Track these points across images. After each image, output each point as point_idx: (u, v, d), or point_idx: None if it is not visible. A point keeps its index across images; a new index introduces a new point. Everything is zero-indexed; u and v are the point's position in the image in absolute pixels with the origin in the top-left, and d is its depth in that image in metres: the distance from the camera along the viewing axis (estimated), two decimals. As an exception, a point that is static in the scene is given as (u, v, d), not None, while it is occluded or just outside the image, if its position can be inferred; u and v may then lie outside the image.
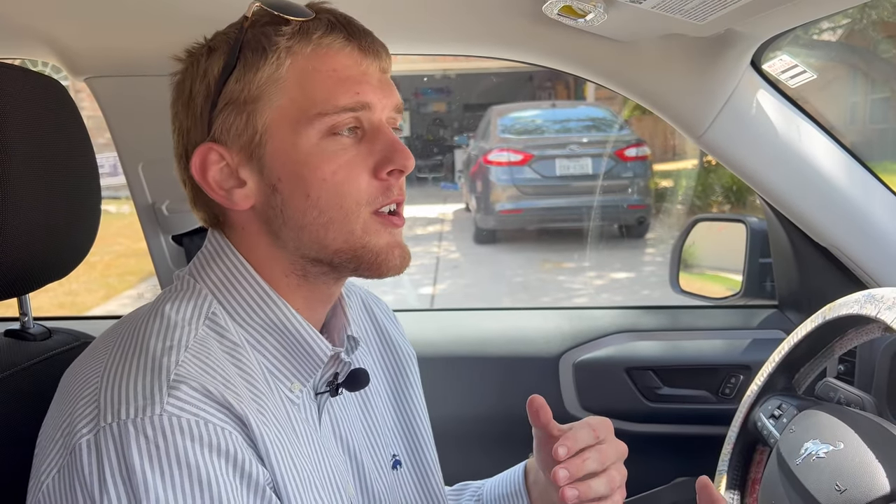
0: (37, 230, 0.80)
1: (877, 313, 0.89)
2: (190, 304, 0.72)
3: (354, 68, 0.72)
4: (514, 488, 0.96)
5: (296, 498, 0.67)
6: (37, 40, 1.19)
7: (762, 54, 1.20)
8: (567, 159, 7.42)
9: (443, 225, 8.89)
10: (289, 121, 0.70)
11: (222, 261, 0.74)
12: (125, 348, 0.68)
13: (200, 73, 0.72)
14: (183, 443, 0.61)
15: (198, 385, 0.64)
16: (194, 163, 0.72)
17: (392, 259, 0.73)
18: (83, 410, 0.63)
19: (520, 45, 1.23)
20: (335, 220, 0.71)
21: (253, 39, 0.71)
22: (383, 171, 0.72)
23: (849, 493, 0.81)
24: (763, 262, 1.56)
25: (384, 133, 0.73)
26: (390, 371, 0.92)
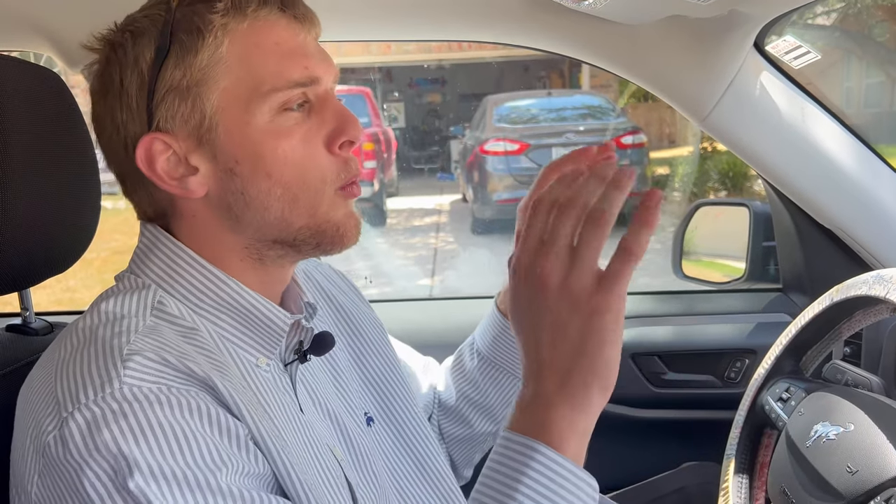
0: (37, 223, 0.79)
1: (885, 294, 0.88)
2: (133, 297, 0.70)
3: (294, 39, 0.70)
4: (498, 326, 0.98)
5: (279, 455, 0.65)
6: (32, 31, 1.17)
7: (765, 36, 1.19)
8: (563, 148, 7.40)
9: (440, 216, 8.88)
10: (239, 101, 0.68)
11: (160, 250, 0.72)
12: (72, 346, 0.66)
13: (130, 61, 0.69)
14: (150, 408, 0.59)
15: (153, 355, 0.63)
16: (139, 155, 0.69)
17: (350, 230, 0.74)
18: (44, 410, 0.62)
19: (521, 30, 1.22)
20: (299, 198, 0.70)
21: (184, 20, 0.68)
22: (335, 143, 0.71)
23: (860, 474, 0.81)
24: (766, 246, 1.55)
25: (331, 103, 0.72)
26: (345, 334, 0.92)
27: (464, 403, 1.03)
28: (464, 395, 1.03)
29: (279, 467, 0.65)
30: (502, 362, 1.00)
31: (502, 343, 0.98)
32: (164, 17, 0.68)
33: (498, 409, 1.02)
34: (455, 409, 1.03)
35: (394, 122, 12.15)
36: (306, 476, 0.68)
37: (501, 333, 0.98)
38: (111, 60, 0.70)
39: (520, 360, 0.86)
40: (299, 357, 0.78)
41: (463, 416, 1.03)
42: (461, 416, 1.03)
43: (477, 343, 1.03)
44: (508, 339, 0.98)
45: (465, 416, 1.03)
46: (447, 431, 1.04)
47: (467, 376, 1.03)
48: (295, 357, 0.77)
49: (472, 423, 1.03)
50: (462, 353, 1.05)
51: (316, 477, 0.70)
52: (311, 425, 0.75)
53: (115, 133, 0.71)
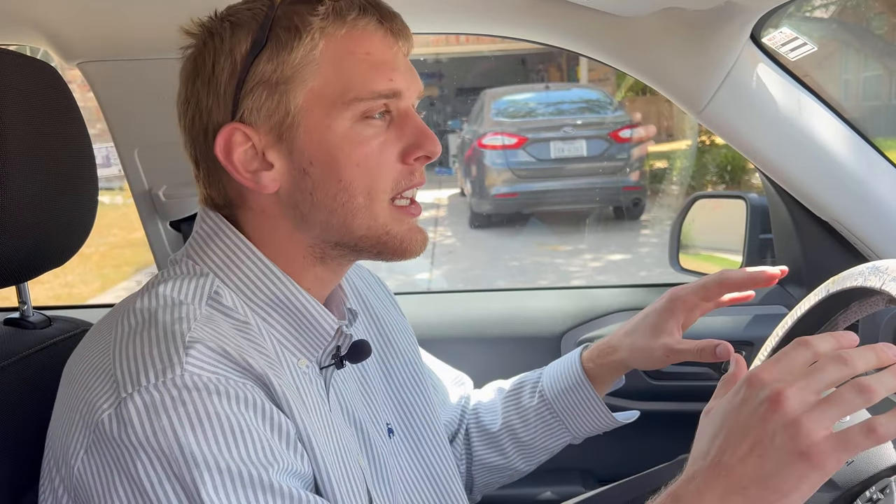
0: (35, 217, 0.79)
1: (881, 285, 0.89)
2: (190, 284, 0.71)
3: (386, 52, 0.72)
4: (574, 381, 1.00)
5: (320, 454, 0.67)
6: (27, 25, 1.17)
7: (762, 28, 1.19)
8: (561, 142, 7.41)
9: (438, 210, 8.87)
10: (323, 103, 0.70)
11: (221, 240, 0.74)
12: (131, 325, 0.67)
13: (225, 49, 0.70)
14: (209, 398, 0.61)
15: (214, 345, 0.64)
16: (219, 143, 0.70)
17: (414, 244, 0.76)
18: (99, 388, 0.63)
19: (519, 22, 1.22)
20: (362, 206, 0.72)
21: (284, 17, 0.70)
22: (412, 156, 0.73)
23: (856, 464, 0.81)
24: (763, 238, 1.55)
25: (413, 119, 0.74)
26: (376, 341, 0.93)
27: (506, 434, 1.04)
28: (509, 426, 1.03)
29: (318, 467, 0.67)
30: (562, 414, 1.01)
31: (572, 398, 1.00)
32: (265, 12, 0.70)
33: (538, 452, 1.04)
34: (495, 437, 1.04)
35: (391, 116, 12.10)
36: (337, 478, 0.69)
37: (575, 389, 1.00)
38: (207, 46, 0.72)
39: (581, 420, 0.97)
40: (336, 362, 0.78)
41: (501, 445, 1.04)
42: (499, 445, 1.04)
43: (543, 385, 1.03)
44: (579, 397, 0.99)
45: (503, 447, 1.04)
46: (479, 455, 1.05)
47: (520, 411, 1.03)
48: (332, 362, 0.78)
49: (507, 455, 1.04)
50: (522, 387, 1.05)
51: (343, 480, 0.71)
52: (339, 432, 0.75)
53: (198, 117, 0.73)
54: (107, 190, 7.22)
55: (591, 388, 1.00)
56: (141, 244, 1.45)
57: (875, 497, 0.77)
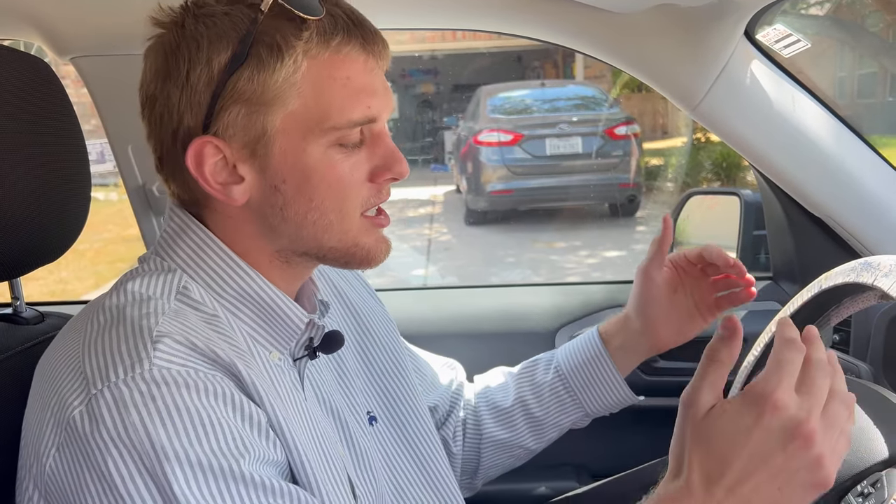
0: (27, 212, 0.79)
1: (873, 281, 0.89)
2: (159, 280, 0.71)
3: (366, 76, 0.72)
4: (593, 353, 1.01)
5: (294, 442, 0.67)
6: (19, 19, 1.17)
7: (756, 24, 1.19)
8: (557, 139, 7.41)
9: (434, 207, 8.87)
10: (300, 126, 0.69)
11: (189, 237, 0.74)
12: (100, 323, 0.67)
13: (202, 58, 0.68)
14: (178, 391, 0.61)
15: (182, 338, 0.64)
16: (190, 154, 0.69)
17: (380, 253, 0.77)
18: (70, 385, 0.63)
19: (514, 18, 1.22)
20: (334, 223, 0.72)
21: (267, 34, 0.68)
22: (381, 177, 0.74)
23: (847, 458, 0.82)
24: (757, 235, 1.56)
25: (384, 140, 0.74)
26: (354, 330, 0.93)
27: (518, 409, 1.04)
28: (522, 401, 1.04)
29: (293, 455, 0.67)
30: (577, 388, 1.02)
31: (588, 371, 1.01)
32: (247, 25, 0.68)
33: (549, 428, 1.04)
34: (507, 411, 1.05)
35: (387, 112, 12.08)
36: (316, 465, 0.69)
37: (593, 362, 1.01)
38: (181, 49, 0.69)
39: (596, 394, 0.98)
40: (309, 354, 0.79)
41: (512, 419, 1.04)
42: (510, 420, 1.04)
43: (559, 360, 1.04)
44: (596, 370, 1.01)
45: (514, 422, 1.04)
46: (489, 431, 1.05)
47: (535, 386, 1.04)
48: (305, 353, 0.78)
49: (517, 430, 1.04)
50: (535, 365, 1.06)
51: (323, 468, 0.71)
52: (315, 422, 0.75)
53: (167, 115, 0.71)
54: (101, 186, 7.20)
55: (609, 362, 1.01)
56: (136, 240, 1.44)
57: (866, 491, 0.78)
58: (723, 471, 0.61)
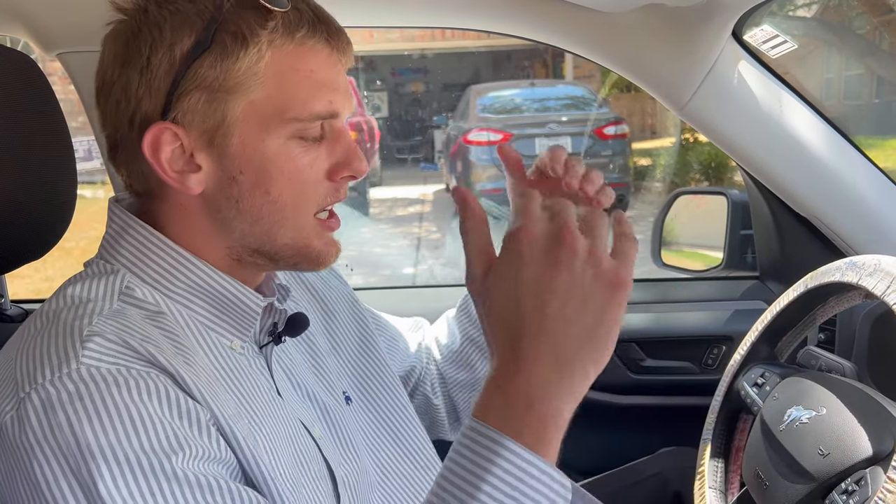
0: (11, 209, 0.78)
1: (858, 280, 0.90)
2: (101, 282, 0.70)
3: (329, 71, 0.71)
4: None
5: (244, 441, 0.65)
6: (6, 15, 1.16)
7: (743, 25, 1.20)
8: (546, 138, 7.42)
9: (423, 205, 8.87)
10: (260, 116, 0.68)
11: (131, 235, 0.72)
12: (36, 328, 0.66)
13: (165, 43, 0.67)
14: (107, 388, 0.59)
15: (114, 337, 0.62)
16: (147, 140, 0.68)
17: (329, 256, 0.76)
18: (3, 392, 0.62)
19: (503, 17, 1.22)
20: (289, 219, 0.71)
21: (231, 22, 0.67)
22: (339, 174, 0.73)
23: (832, 456, 0.82)
24: (744, 234, 1.57)
25: (344, 137, 0.73)
26: (319, 315, 0.93)
27: (469, 346, 1.04)
28: (469, 337, 1.04)
29: (244, 453, 0.65)
30: None
31: None
32: (211, 12, 0.67)
33: None
34: (460, 353, 1.04)
35: (377, 111, 12.08)
36: (281, 460, 0.68)
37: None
38: (142, 34, 0.68)
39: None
40: (273, 339, 0.78)
41: (468, 359, 1.04)
42: (466, 360, 1.04)
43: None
44: None
45: (470, 359, 1.04)
46: (451, 377, 1.06)
47: (473, 319, 1.03)
48: (270, 339, 0.78)
49: (475, 366, 1.04)
50: (467, 299, 1.05)
51: (291, 458, 0.70)
52: (286, 407, 0.75)
53: (123, 101, 0.70)
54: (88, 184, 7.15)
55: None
56: (122, 239, 1.42)
57: (850, 489, 0.79)
58: (520, 323, 0.57)
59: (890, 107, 8.79)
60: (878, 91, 8.66)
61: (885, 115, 8.61)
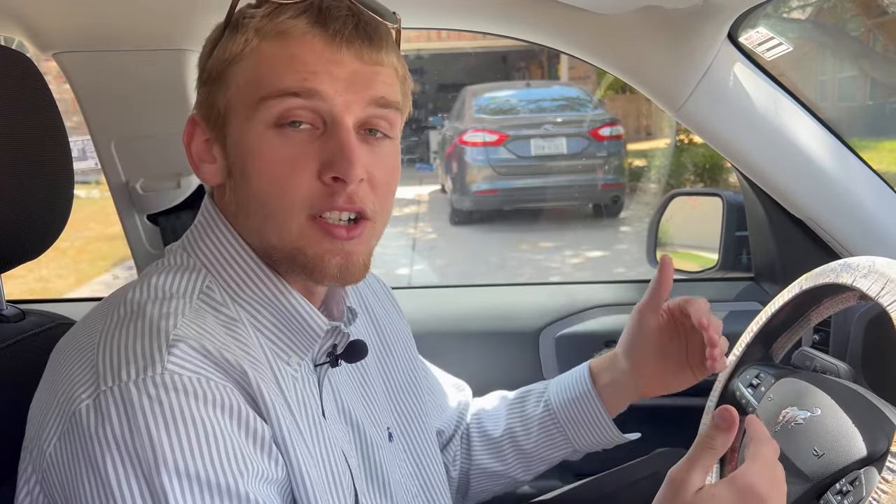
0: (8, 209, 0.78)
1: (852, 281, 0.90)
2: (183, 277, 0.71)
3: (314, 55, 0.67)
4: (582, 390, 0.99)
5: (296, 458, 0.67)
6: (2, 15, 1.15)
7: (739, 27, 1.20)
8: (542, 139, 7.43)
9: (419, 206, 8.86)
10: (244, 103, 0.69)
11: (214, 234, 0.73)
12: (119, 317, 0.67)
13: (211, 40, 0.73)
14: (187, 400, 0.60)
15: (196, 344, 0.64)
16: (186, 131, 0.73)
17: (328, 267, 0.69)
18: (81, 377, 0.63)
19: (500, 19, 1.23)
20: (271, 216, 0.69)
21: (240, 13, 0.71)
22: (324, 174, 0.68)
23: (826, 457, 0.83)
24: (739, 236, 1.57)
25: (339, 135, 0.67)
26: (377, 345, 0.93)
27: (507, 440, 1.03)
28: (511, 432, 1.03)
29: (294, 470, 0.67)
30: (566, 424, 1.01)
31: (577, 409, 1.00)
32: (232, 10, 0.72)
33: (538, 462, 1.03)
34: (496, 442, 1.04)
35: (372, 112, 12.05)
36: (317, 480, 0.69)
37: (582, 400, 0.99)
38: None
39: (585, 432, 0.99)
40: (331, 361, 0.78)
41: (502, 451, 1.04)
42: (500, 451, 1.04)
43: (550, 395, 1.03)
44: (585, 407, 0.99)
45: (503, 453, 1.03)
46: (478, 459, 1.05)
47: (524, 419, 1.03)
48: (326, 360, 0.78)
49: (506, 462, 1.03)
50: (527, 396, 1.05)
51: (325, 482, 0.71)
52: (330, 430, 0.75)
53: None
54: (83, 184, 7.12)
55: (597, 400, 0.99)
56: (117, 238, 1.43)
57: (845, 489, 0.79)
58: None
59: (883, 109, 8.82)
60: (872, 93, 8.69)
61: (879, 118, 8.64)
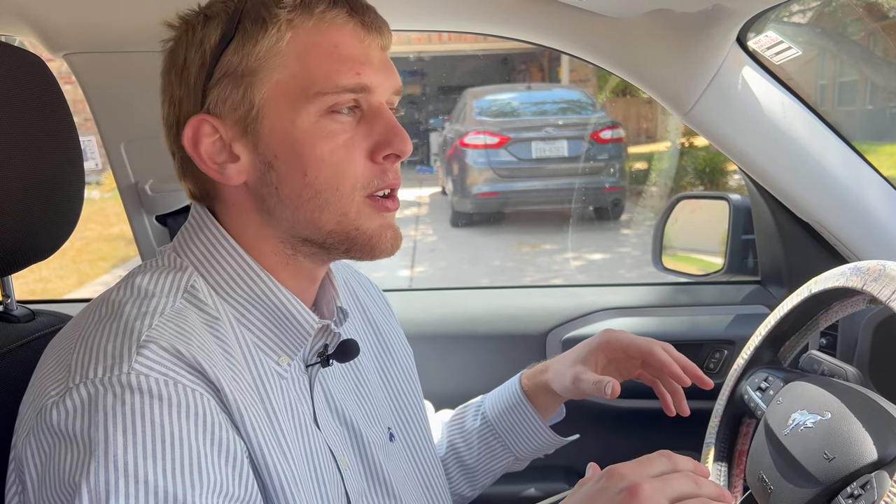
0: (20, 209, 0.78)
1: (862, 285, 0.90)
2: (168, 276, 0.71)
3: (356, 46, 0.70)
4: (514, 400, 1.01)
5: (275, 468, 0.65)
6: (12, 15, 1.16)
7: (747, 31, 1.20)
8: (543, 142, 7.43)
9: (419, 208, 8.87)
10: (287, 96, 0.69)
11: (204, 234, 0.73)
12: (99, 316, 0.67)
13: (196, 41, 0.70)
14: (150, 402, 0.59)
15: (168, 346, 0.63)
16: (186, 134, 0.70)
17: (384, 241, 0.73)
18: (54, 376, 0.63)
19: (508, 21, 1.23)
20: (331, 202, 0.70)
21: (252, 9, 0.69)
22: (380, 154, 0.71)
23: (837, 460, 0.83)
24: (745, 239, 1.58)
25: (384, 115, 0.71)
26: (374, 346, 0.92)
27: (451, 458, 1.04)
28: (454, 449, 1.04)
29: (275, 483, 0.65)
30: (504, 434, 1.02)
31: (512, 417, 1.01)
32: (236, 4, 0.70)
33: (481, 475, 1.04)
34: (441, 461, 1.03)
35: (373, 113, 12.07)
36: (303, 488, 0.68)
37: (515, 408, 1.01)
38: (181, 40, 0.72)
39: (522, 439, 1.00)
40: (322, 361, 0.78)
41: (447, 469, 1.04)
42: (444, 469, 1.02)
43: (486, 407, 1.04)
44: (519, 415, 1.01)
45: (449, 470, 1.04)
46: None
47: (464, 434, 1.04)
48: (317, 360, 0.77)
49: (452, 479, 1.04)
50: (466, 412, 1.07)
51: (311, 489, 0.70)
52: (318, 432, 0.75)
53: (171, 109, 0.72)
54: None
55: (529, 406, 1.01)
56: (118, 239, 1.43)
57: (856, 493, 0.79)
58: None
59: (883, 113, 8.83)
60: (872, 97, 8.70)
61: (879, 122, 8.66)
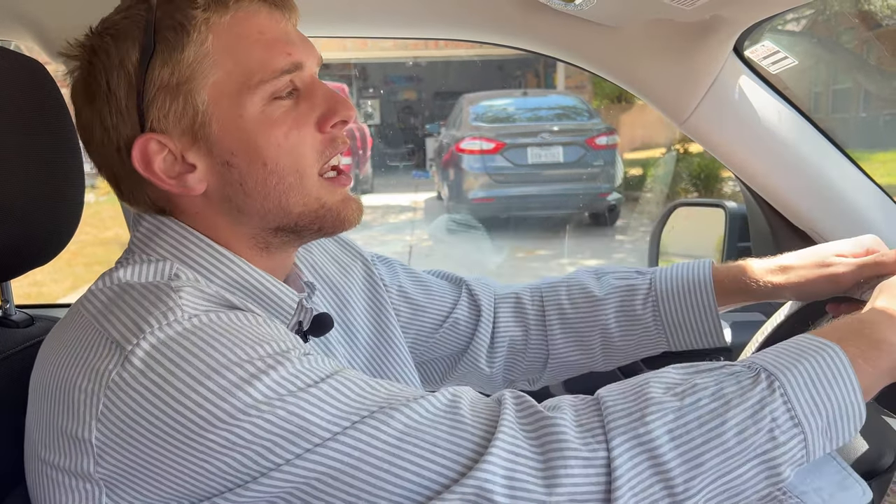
0: (20, 214, 0.78)
1: (860, 294, 0.91)
2: (149, 267, 0.70)
3: (276, 28, 0.72)
4: (699, 278, 0.97)
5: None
6: (12, 20, 1.16)
7: (744, 41, 1.21)
8: (538, 147, 7.45)
9: (415, 213, 8.88)
10: (229, 94, 0.69)
11: (166, 233, 0.73)
12: (102, 303, 0.65)
13: (115, 63, 0.69)
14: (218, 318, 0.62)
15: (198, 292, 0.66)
16: (135, 157, 0.69)
17: (350, 212, 0.76)
18: (96, 355, 0.61)
19: (507, 30, 1.23)
20: (294, 185, 0.72)
21: (166, 17, 0.68)
22: (327, 123, 0.73)
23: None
24: (742, 246, 1.58)
25: (320, 87, 0.74)
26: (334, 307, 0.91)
27: (598, 335, 1.00)
28: (605, 329, 0.99)
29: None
30: (670, 328, 1.00)
31: (687, 302, 0.99)
32: (144, 16, 0.68)
33: (619, 356, 1.02)
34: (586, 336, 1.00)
35: (369, 118, 12.11)
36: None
37: (697, 287, 0.98)
38: (94, 65, 0.70)
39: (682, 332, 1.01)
40: (301, 337, 0.78)
41: (591, 346, 1.00)
42: (588, 345, 1.01)
43: (657, 293, 0.98)
44: (696, 300, 0.99)
45: (592, 347, 1.00)
46: (558, 351, 1.01)
47: (630, 316, 0.99)
48: None
49: (592, 355, 1.01)
50: (634, 294, 0.99)
51: None
52: None
53: (105, 137, 0.71)
54: (79, 187, 7.10)
55: (712, 294, 0.98)
56: (112, 243, 1.42)
57: None
58: None
59: (877, 121, 8.88)
60: (866, 105, 8.75)
61: (872, 129, 8.71)
